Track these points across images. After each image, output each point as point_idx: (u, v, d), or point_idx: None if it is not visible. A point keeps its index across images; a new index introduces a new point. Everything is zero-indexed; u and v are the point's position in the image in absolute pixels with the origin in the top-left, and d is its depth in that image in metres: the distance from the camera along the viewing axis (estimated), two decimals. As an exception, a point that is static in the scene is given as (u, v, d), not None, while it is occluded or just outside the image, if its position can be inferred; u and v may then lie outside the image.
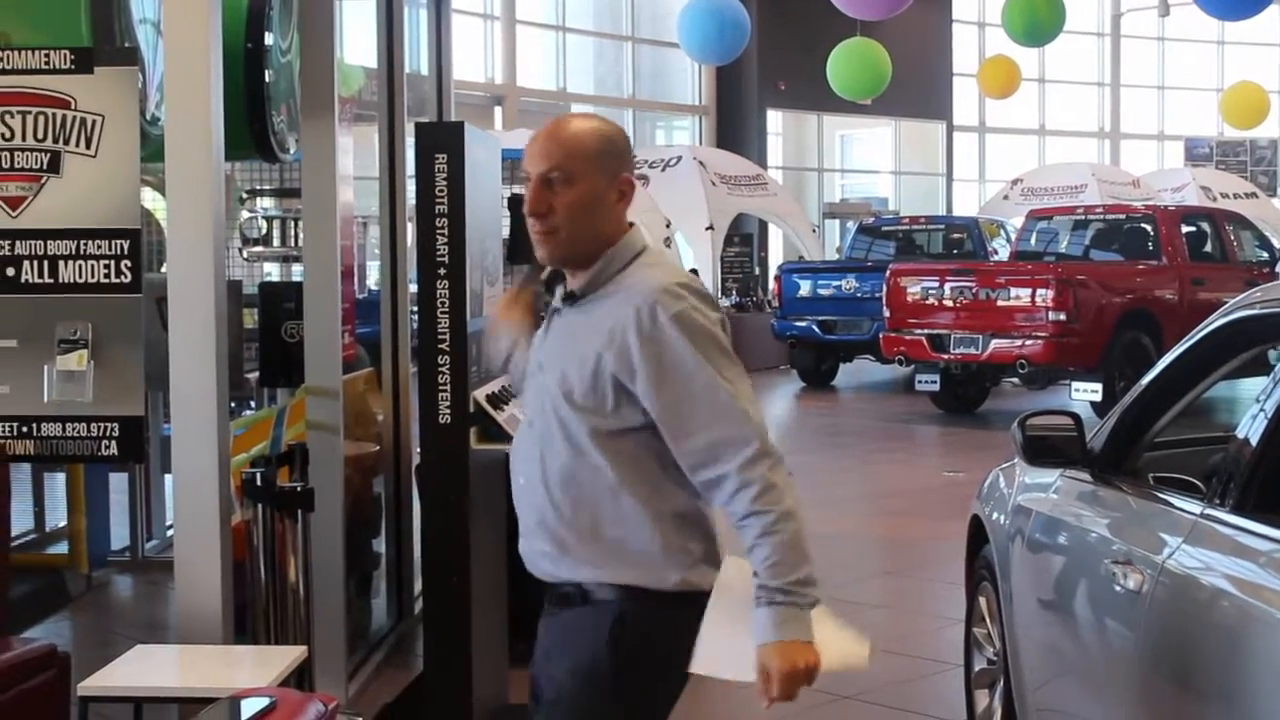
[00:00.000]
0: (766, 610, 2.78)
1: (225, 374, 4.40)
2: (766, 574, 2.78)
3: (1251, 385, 3.61)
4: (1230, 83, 31.64)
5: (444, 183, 5.00)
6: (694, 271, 11.63)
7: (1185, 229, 16.09)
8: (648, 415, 2.89)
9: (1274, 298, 3.73)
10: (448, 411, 5.03)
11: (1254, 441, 3.26)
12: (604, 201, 2.99)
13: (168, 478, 7.25)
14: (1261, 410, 3.28)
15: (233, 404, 5.97)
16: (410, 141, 5.58)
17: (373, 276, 8.82)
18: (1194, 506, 3.41)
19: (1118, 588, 3.51)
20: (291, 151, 6.12)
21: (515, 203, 8.29)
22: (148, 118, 4.93)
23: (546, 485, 2.98)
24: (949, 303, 14.92)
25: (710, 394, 2.84)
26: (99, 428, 4.50)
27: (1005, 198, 27.54)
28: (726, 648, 2.82)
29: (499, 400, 5.26)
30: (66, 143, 4.49)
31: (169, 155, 4.35)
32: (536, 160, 2.98)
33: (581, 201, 2.96)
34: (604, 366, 2.88)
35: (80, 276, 4.48)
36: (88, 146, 4.48)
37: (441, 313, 5.01)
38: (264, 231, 7.00)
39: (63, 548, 7.79)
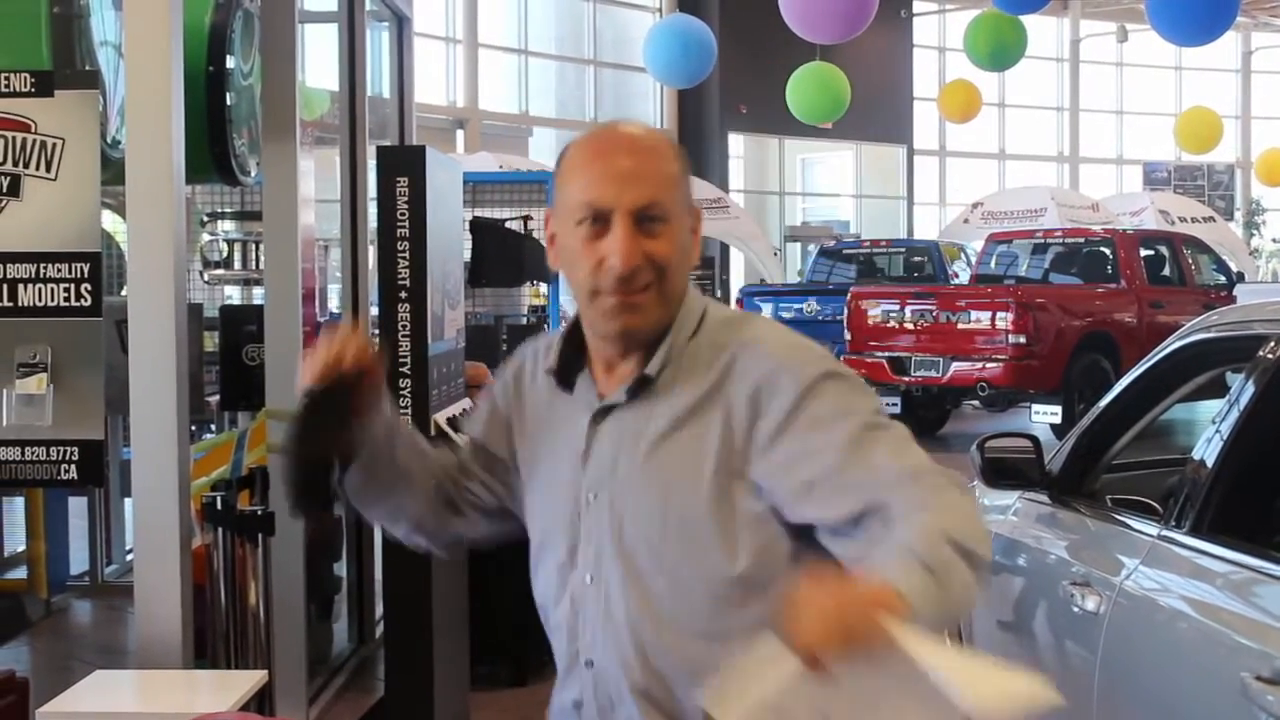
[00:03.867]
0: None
1: (185, 397, 4.38)
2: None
3: (1208, 408, 3.63)
4: (1187, 107, 31.88)
5: (405, 206, 5.00)
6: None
7: (1144, 252, 16.20)
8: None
9: (1230, 321, 3.77)
10: (409, 435, 5.02)
11: (1210, 463, 3.29)
12: (689, 244, 2.09)
13: (127, 502, 7.21)
14: (1217, 432, 3.31)
15: (193, 427, 5.97)
16: (372, 165, 5.58)
17: (334, 299, 8.81)
18: (1151, 528, 3.43)
19: (1076, 609, 3.54)
20: (253, 174, 6.11)
21: (476, 226, 8.31)
22: (108, 141, 4.91)
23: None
24: (909, 326, 14.97)
25: None
26: (58, 451, 4.46)
27: (965, 221, 27.64)
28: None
29: (459, 424, 5.25)
30: (26, 166, 4.46)
31: (129, 178, 4.34)
32: (625, 188, 1.99)
33: (681, 246, 2.05)
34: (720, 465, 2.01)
35: (40, 300, 4.45)
36: (48, 170, 4.46)
37: (403, 336, 5.01)
38: (225, 254, 7.00)
39: (21, 572, 7.74)
